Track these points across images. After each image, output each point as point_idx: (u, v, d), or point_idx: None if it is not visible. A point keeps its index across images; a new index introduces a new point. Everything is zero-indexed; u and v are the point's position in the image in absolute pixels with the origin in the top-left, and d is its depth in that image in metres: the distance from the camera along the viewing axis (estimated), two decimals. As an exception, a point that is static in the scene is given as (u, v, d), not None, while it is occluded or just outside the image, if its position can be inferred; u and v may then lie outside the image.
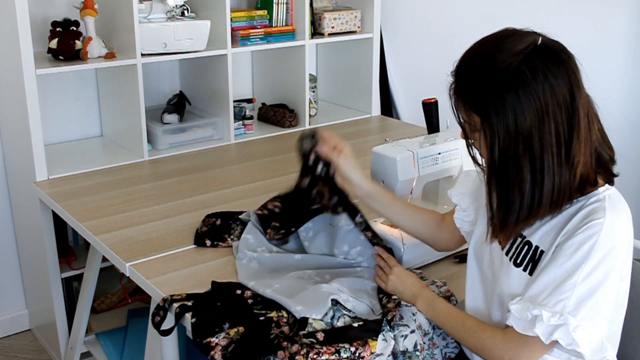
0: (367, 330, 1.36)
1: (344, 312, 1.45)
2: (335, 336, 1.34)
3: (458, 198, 1.52)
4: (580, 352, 1.16)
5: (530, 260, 1.26)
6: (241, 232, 1.87)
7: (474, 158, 1.30)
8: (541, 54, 1.16)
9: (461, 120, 1.26)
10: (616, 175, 1.27)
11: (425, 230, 1.60)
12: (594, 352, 1.16)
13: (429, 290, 1.46)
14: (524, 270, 1.26)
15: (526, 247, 1.27)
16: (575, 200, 1.23)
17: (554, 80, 1.15)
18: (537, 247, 1.25)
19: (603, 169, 1.25)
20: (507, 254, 1.31)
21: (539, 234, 1.26)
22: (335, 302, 1.46)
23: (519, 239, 1.29)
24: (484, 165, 1.28)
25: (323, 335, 1.34)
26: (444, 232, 1.58)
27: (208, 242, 1.83)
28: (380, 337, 1.35)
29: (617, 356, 1.35)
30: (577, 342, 1.14)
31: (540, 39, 1.18)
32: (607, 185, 1.24)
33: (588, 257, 1.16)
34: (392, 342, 1.36)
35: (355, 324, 1.38)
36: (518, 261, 1.28)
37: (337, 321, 1.42)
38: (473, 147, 1.28)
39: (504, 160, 1.18)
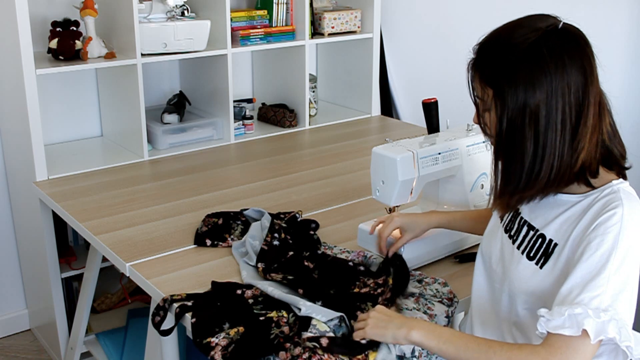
0: (372, 344, 1.34)
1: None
2: (338, 346, 1.32)
3: None
4: (630, 347, 1.11)
5: (544, 253, 1.26)
6: (242, 232, 1.87)
7: (486, 133, 1.29)
8: (560, 35, 1.19)
9: (476, 97, 1.27)
10: (628, 168, 1.28)
11: (479, 229, 1.62)
12: (637, 343, 1.12)
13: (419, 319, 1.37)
14: (537, 263, 1.27)
15: (540, 240, 1.28)
16: (588, 193, 1.24)
17: (568, 62, 1.17)
18: (550, 240, 1.26)
19: (616, 165, 1.26)
20: (518, 247, 1.32)
21: (553, 227, 1.26)
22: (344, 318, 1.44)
23: (532, 232, 1.30)
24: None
25: (327, 341, 1.33)
26: None
27: (208, 242, 1.83)
28: (384, 345, 1.34)
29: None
30: (630, 336, 1.10)
31: (562, 23, 1.21)
32: (620, 179, 1.25)
33: (615, 248, 1.14)
34: (394, 350, 1.35)
35: (364, 341, 1.34)
36: (531, 254, 1.28)
37: (341, 330, 1.41)
38: (485, 126, 1.28)
39: (511, 131, 1.20)
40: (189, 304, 1.49)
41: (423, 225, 1.63)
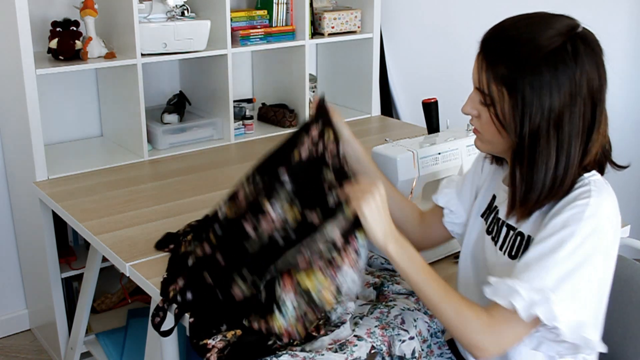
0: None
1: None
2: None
3: (445, 200, 1.51)
4: (559, 329, 1.13)
5: (523, 250, 1.26)
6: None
7: (503, 126, 1.23)
8: (583, 39, 1.19)
9: (482, 90, 1.23)
10: (625, 167, 1.29)
11: (403, 219, 1.56)
12: (572, 330, 1.14)
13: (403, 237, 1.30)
14: (518, 261, 1.26)
15: (519, 237, 1.28)
16: None
17: (589, 66, 1.17)
18: (529, 237, 1.26)
19: (604, 161, 1.27)
20: (500, 248, 1.32)
21: (529, 223, 1.27)
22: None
23: (512, 232, 1.30)
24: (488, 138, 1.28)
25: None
26: (421, 229, 1.57)
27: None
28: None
29: (617, 356, 1.35)
30: (557, 318, 1.12)
31: (582, 27, 1.21)
32: (593, 171, 1.25)
33: (572, 236, 1.15)
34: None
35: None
36: (512, 253, 1.29)
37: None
38: (495, 118, 1.23)
39: (534, 136, 1.19)
40: (186, 295, 1.47)
41: (360, 153, 1.60)
